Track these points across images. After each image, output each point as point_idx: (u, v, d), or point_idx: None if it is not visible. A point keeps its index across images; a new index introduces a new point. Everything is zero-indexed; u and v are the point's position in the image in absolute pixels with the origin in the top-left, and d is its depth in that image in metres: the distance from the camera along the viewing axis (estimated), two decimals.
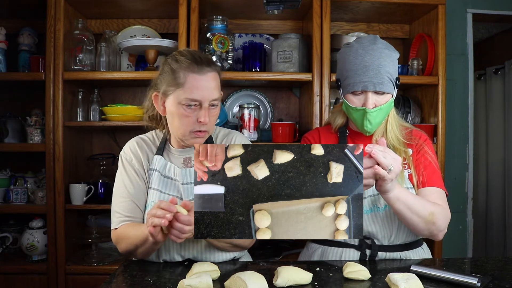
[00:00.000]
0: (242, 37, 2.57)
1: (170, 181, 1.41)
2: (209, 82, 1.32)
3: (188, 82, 1.30)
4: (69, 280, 2.17)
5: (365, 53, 1.38)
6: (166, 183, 1.41)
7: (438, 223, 1.35)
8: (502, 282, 1.15)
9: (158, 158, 1.42)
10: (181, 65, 1.32)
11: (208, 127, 1.35)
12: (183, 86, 1.30)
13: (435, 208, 1.34)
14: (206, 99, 1.31)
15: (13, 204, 2.29)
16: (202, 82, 1.31)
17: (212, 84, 1.33)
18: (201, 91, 1.30)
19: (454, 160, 2.69)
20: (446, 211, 1.39)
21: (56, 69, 2.16)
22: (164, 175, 1.41)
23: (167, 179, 1.41)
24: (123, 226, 1.38)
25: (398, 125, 1.49)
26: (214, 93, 1.33)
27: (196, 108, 1.32)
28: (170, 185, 1.41)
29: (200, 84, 1.30)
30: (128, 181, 1.41)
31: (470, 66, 2.73)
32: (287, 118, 2.62)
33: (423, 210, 1.32)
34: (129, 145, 1.47)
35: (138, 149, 1.45)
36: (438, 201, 1.40)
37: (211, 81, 1.32)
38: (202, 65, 1.32)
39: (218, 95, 1.35)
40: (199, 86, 1.30)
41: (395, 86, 1.42)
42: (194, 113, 1.32)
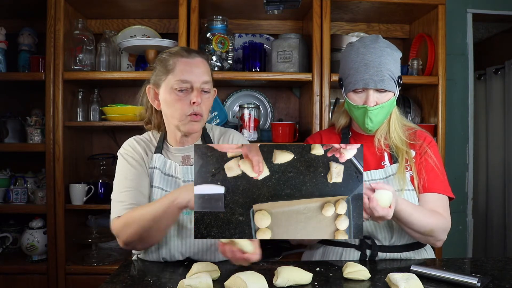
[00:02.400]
0: (242, 37, 2.57)
1: (171, 178, 1.41)
2: (198, 65, 1.37)
3: (178, 66, 1.36)
4: (69, 280, 2.17)
5: (366, 51, 1.38)
6: (167, 181, 1.41)
7: (436, 235, 1.36)
8: (502, 282, 1.15)
9: (157, 156, 1.42)
10: (170, 54, 1.39)
11: (202, 110, 1.37)
12: (174, 71, 1.36)
13: (434, 224, 1.34)
14: (196, 81, 1.35)
15: (13, 204, 2.29)
16: (191, 65, 1.36)
17: (202, 68, 1.37)
18: (191, 73, 1.35)
19: (454, 160, 2.69)
20: (445, 221, 1.38)
21: (56, 69, 2.16)
22: (165, 172, 1.41)
23: (168, 177, 1.41)
24: (128, 212, 1.33)
25: (401, 124, 1.48)
26: (204, 76, 1.37)
27: (188, 91, 1.35)
28: (171, 183, 1.41)
29: (189, 67, 1.35)
30: (131, 173, 1.39)
31: (470, 66, 2.73)
32: (287, 118, 2.62)
33: (421, 228, 1.32)
34: (128, 143, 1.47)
35: (137, 146, 1.45)
36: (439, 209, 1.39)
37: (200, 64, 1.38)
38: (191, 51, 1.39)
39: (209, 79, 1.39)
40: (189, 69, 1.35)
41: (397, 85, 1.41)
42: (186, 97, 1.35)
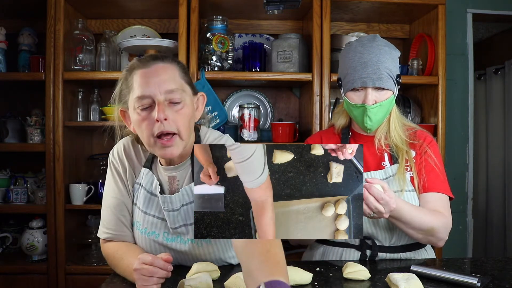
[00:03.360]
0: (242, 37, 2.57)
1: (155, 198, 1.30)
2: (157, 73, 1.17)
3: (135, 81, 1.18)
4: (69, 280, 2.17)
5: (364, 50, 1.38)
6: (150, 202, 1.30)
7: (438, 235, 1.36)
8: (502, 282, 1.15)
9: (145, 172, 1.31)
10: (128, 69, 1.23)
11: (174, 127, 1.16)
12: (133, 87, 1.19)
13: (435, 222, 1.34)
14: (156, 93, 1.15)
15: (13, 204, 2.29)
16: (148, 75, 1.16)
17: (163, 76, 1.17)
18: (148, 85, 1.15)
19: (454, 160, 2.69)
20: (446, 220, 1.38)
21: (56, 69, 2.15)
22: (150, 191, 1.30)
23: (153, 196, 1.30)
24: (111, 244, 1.32)
25: (401, 124, 1.48)
26: (167, 84, 1.16)
27: (152, 107, 1.16)
28: (153, 204, 1.30)
29: (146, 78, 1.16)
30: (114, 192, 1.32)
31: (470, 66, 2.73)
32: (287, 118, 2.62)
33: (423, 226, 1.32)
34: (117, 149, 1.36)
35: (125, 157, 1.33)
36: (440, 208, 1.39)
37: (160, 72, 1.17)
38: (148, 59, 1.20)
39: (176, 86, 1.18)
40: (145, 80, 1.16)
41: (395, 83, 1.41)
42: (150, 115, 1.16)
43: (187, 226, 1.27)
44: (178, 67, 1.23)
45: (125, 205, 1.33)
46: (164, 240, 1.30)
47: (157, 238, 1.30)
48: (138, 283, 1.08)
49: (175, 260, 1.32)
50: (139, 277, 1.07)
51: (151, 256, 1.08)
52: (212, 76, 2.19)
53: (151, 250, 1.31)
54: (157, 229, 1.30)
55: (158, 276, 1.07)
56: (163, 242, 1.30)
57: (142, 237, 1.31)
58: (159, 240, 1.30)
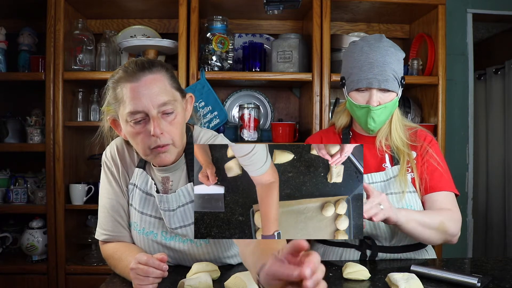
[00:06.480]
0: (242, 37, 2.57)
1: (151, 198, 1.30)
2: (148, 86, 1.15)
3: (125, 94, 1.16)
4: (69, 280, 2.17)
5: (371, 50, 1.37)
6: (146, 202, 1.31)
7: (450, 230, 1.34)
8: (502, 282, 1.15)
9: (139, 172, 1.31)
10: (115, 81, 1.20)
11: (168, 139, 1.19)
12: (123, 100, 1.17)
13: (443, 217, 1.33)
14: (150, 107, 1.15)
15: (13, 204, 2.29)
16: (139, 89, 1.15)
17: (154, 88, 1.16)
18: (141, 99, 1.14)
19: (454, 160, 2.69)
20: (455, 215, 1.37)
21: (56, 69, 2.16)
22: (146, 191, 1.30)
23: (148, 196, 1.30)
24: (110, 245, 1.32)
25: (402, 125, 1.47)
26: (159, 97, 1.16)
27: (146, 120, 1.16)
28: (149, 203, 1.31)
29: (137, 93, 1.15)
30: (108, 193, 1.33)
31: (470, 66, 2.73)
32: (287, 118, 2.62)
33: (433, 222, 1.31)
34: (110, 149, 1.36)
35: (118, 157, 1.34)
36: (447, 205, 1.38)
37: (151, 84, 1.16)
38: (136, 71, 1.17)
39: (168, 98, 1.17)
40: (137, 95, 1.15)
41: (400, 85, 1.40)
42: (144, 128, 1.17)
43: (186, 227, 1.27)
44: (167, 74, 1.21)
45: (121, 205, 1.33)
46: (162, 240, 1.31)
47: (156, 237, 1.31)
48: (134, 283, 1.09)
49: (174, 260, 1.33)
50: (135, 276, 1.08)
51: (147, 256, 1.09)
52: (212, 76, 2.19)
53: (150, 250, 1.31)
54: (155, 228, 1.31)
55: (154, 276, 1.07)
56: (161, 241, 1.31)
57: (141, 237, 1.32)
58: (158, 240, 1.31)
